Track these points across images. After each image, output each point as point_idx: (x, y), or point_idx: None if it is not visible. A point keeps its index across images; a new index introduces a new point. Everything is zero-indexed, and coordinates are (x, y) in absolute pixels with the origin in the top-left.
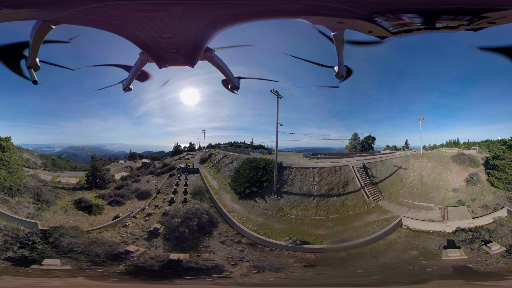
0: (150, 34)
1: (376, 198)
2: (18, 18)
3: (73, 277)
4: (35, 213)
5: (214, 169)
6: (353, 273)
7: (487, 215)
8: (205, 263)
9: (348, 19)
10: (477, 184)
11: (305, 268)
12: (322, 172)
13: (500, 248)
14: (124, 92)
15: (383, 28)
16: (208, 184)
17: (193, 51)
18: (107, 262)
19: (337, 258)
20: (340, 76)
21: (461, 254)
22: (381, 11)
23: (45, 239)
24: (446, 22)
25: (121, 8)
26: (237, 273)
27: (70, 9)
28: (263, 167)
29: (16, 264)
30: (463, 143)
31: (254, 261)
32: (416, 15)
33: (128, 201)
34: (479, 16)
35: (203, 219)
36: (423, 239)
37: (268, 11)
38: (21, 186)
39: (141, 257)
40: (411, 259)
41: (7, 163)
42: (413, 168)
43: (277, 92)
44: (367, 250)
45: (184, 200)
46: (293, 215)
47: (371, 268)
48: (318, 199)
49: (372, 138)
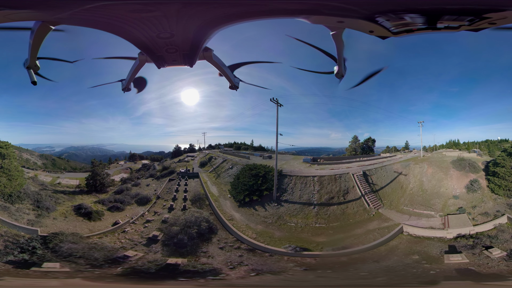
0: (148, 34)
1: (376, 206)
2: (17, 19)
3: (70, 278)
4: (35, 219)
5: (214, 174)
6: (356, 275)
7: (488, 222)
8: (203, 267)
9: (349, 19)
10: (477, 191)
11: (305, 271)
12: (322, 181)
13: (501, 253)
14: (123, 92)
15: (384, 28)
16: (208, 191)
17: (191, 50)
18: (105, 265)
19: (338, 262)
20: (340, 75)
21: (463, 258)
22: (383, 11)
23: (45, 245)
24: (448, 23)
25: (119, 8)
26: (234, 276)
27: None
28: (263, 175)
29: (17, 267)
30: (463, 143)
31: (253, 265)
32: (419, 15)
33: (128, 207)
34: (480, 16)
35: (203, 226)
36: (424, 245)
37: (267, 10)
38: (21, 193)
39: (139, 261)
40: (413, 263)
41: (7, 170)
42: (414, 174)
43: (276, 100)
44: (369, 255)
45: (184, 207)
46: (293, 223)
47: (374, 271)
48: (318, 208)
49: (372, 140)
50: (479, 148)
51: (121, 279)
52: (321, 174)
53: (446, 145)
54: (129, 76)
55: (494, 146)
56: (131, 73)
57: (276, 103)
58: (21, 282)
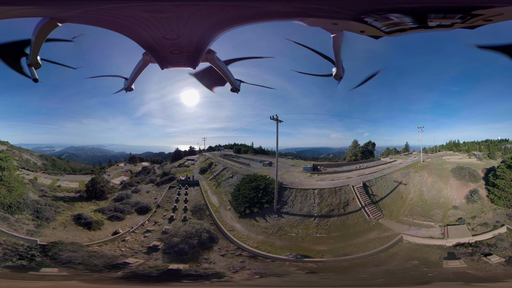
0: (155, 34)
1: (376, 217)
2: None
3: (66, 280)
4: (34, 230)
5: (214, 182)
6: (358, 277)
7: (487, 233)
8: (205, 271)
9: (341, 20)
10: (477, 202)
11: (308, 274)
12: (323, 193)
13: (500, 259)
14: (126, 92)
15: (375, 28)
16: (208, 201)
17: (195, 52)
18: (105, 270)
19: (340, 266)
20: (339, 77)
21: (461, 264)
22: (368, 11)
23: (44, 253)
24: (438, 21)
25: (132, 8)
26: (238, 278)
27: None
28: (264, 188)
29: (15, 271)
30: (463, 143)
31: (256, 269)
32: (404, 14)
33: (128, 216)
34: (470, 13)
35: (203, 237)
36: (423, 251)
37: (265, 12)
38: (21, 203)
39: (140, 266)
40: (413, 267)
41: (7, 183)
42: (414, 183)
43: (276, 117)
44: (369, 260)
45: (184, 218)
46: (294, 233)
47: (374, 274)
48: (319, 219)
49: (372, 144)
50: (479, 149)
51: (121, 281)
52: (321, 187)
53: (446, 145)
54: (132, 76)
55: (494, 146)
56: (134, 73)
57: (276, 120)
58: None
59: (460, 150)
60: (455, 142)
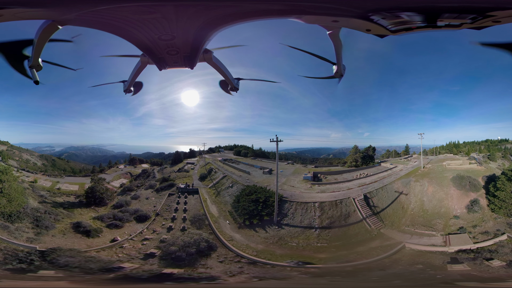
0: (150, 36)
1: (378, 227)
2: (27, 17)
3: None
4: (34, 237)
5: (213, 190)
6: (368, 279)
7: (488, 241)
8: (199, 275)
9: (343, 18)
10: (478, 212)
11: (312, 278)
12: (323, 206)
13: (501, 263)
14: (125, 93)
15: (381, 27)
16: (208, 211)
17: (192, 52)
18: (98, 272)
19: (344, 271)
20: (339, 75)
21: (464, 267)
22: (376, 9)
23: (42, 258)
24: (449, 21)
25: (123, 10)
26: (233, 281)
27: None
28: (263, 201)
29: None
30: (463, 143)
31: (255, 273)
32: (416, 13)
33: (127, 224)
34: (484, 14)
35: (202, 246)
36: (427, 257)
37: (260, 10)
38: (21, 212)
39: (134, 270)
40: (419, 270)
41: (7, 195)
42: (414, 193)
43: (277, 138)
44: (374, 265)
45: (183, 228)
46: (294, 243)
47: (384, 276)
48: (320, 230)
49: (373, 149)
50: (479, 150)
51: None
52: (321, 200)
53: (446, 146)
54: (131, 78)
55: (494, 146)
56: (133, 75)
57: (276, 141)
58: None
59: (460, 151)
60: (455, 143)
